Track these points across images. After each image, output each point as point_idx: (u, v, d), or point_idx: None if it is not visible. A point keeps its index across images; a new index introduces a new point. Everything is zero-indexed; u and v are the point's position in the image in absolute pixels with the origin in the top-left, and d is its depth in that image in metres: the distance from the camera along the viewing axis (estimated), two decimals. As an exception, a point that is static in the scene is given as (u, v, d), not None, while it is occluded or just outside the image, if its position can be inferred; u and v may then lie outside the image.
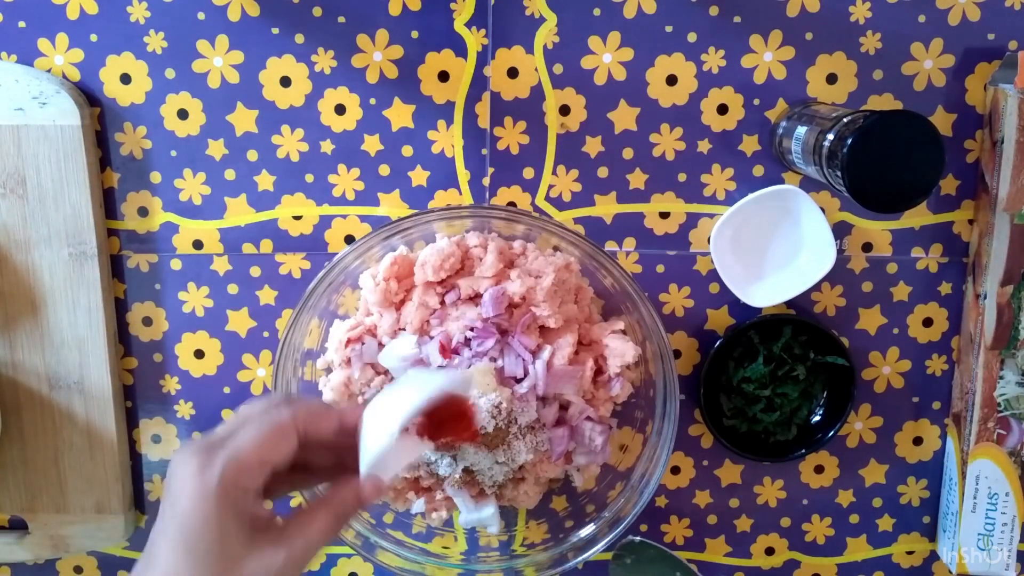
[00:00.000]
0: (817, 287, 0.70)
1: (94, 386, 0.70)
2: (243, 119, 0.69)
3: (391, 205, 0.70)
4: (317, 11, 0.67)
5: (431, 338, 0.62)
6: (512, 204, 0.70)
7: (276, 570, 0.46)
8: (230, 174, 0.70)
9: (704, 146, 0.69)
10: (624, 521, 0.64)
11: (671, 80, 0.68)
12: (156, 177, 0.70)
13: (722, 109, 0.68)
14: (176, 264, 0.71)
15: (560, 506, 0.70)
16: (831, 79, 0.67)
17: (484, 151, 0.69)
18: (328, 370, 0.66)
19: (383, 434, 0.50)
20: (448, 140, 0.69)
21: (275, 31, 0.67)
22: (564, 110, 0.68)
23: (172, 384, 0.73)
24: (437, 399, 0.52)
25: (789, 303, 0.70)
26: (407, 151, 0.69)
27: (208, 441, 0.48)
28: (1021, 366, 0.68)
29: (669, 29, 0.67)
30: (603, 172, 0.69)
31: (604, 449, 0.66)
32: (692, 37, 0.67)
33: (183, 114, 0.69)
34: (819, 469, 0.74)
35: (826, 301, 0.71)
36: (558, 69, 0.67)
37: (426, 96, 0.68)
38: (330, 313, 0.66)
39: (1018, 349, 0.67)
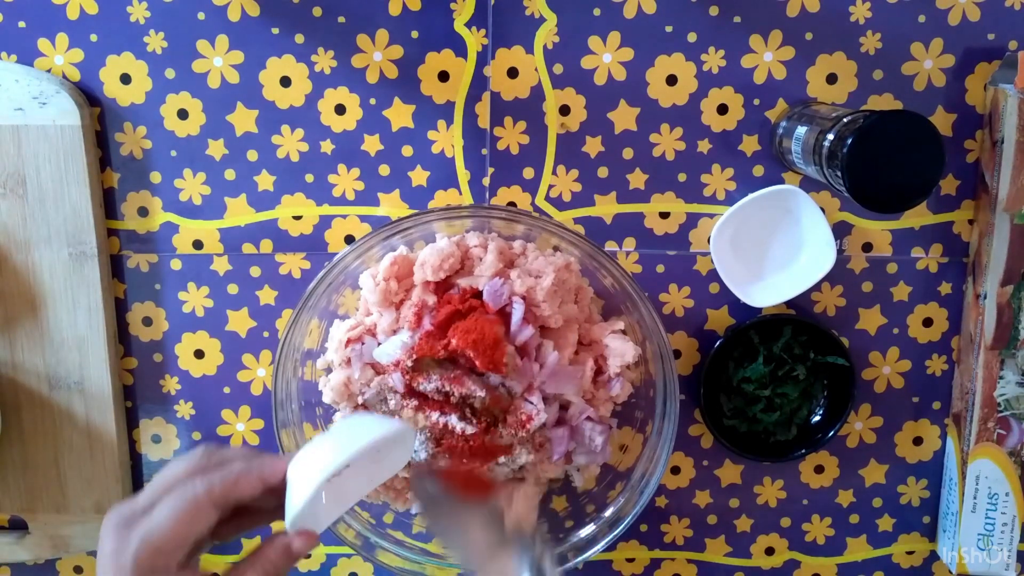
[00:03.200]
0: (817, 287, 0.70)
1: (94, 386, 0.70)
2: (243, 119, 0.69)
3: (391, 205, 0.70)
4: (317, 11, 0.67)
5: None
6: (512, 204, 0.70)
7: None
8: (230, 174, 0.70)
9: (704, 146, 0.69)
10: (624, 521, 0.64)
11: (671, 80, 0.68)
12: (156, 177, 0.70)
13: (722, 109, 0.68)
14: (176, 264, 0.71)
15: (560, 506, 0.70)
16: (831, 79, 0.67)
17: (484, 151, 0.69)
18: (328, 370, 0.66)
19: (307, 488, 0.48)
20: (448, 140, 0.69)
21: (275, 31, 0.67)
22: (564, 110, 0.68)
23: (172, 384, 0.73)
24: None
25: (789, 303, 0.70)
26: (407, 151, 0.69)
27: (127, 514, 0.47)
28: (1021, 366, 0.68)
29: (669, 29, 0.67)
30: (603, 172, 0.69)
31: (604, 449, 0.66)
32: (692, 37, 0.67)
33: (183, 114, 0.69)
34: (819, 469, 0.74)
35: (826, 301, 0.71)
36: (558, 69, 0.67)
37: (426, 96, 0.68)
38: (330, 313, 0.66)
39: (1018, 349, 0.67)
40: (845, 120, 0.56)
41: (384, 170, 0.69)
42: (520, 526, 0.56)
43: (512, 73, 0.68)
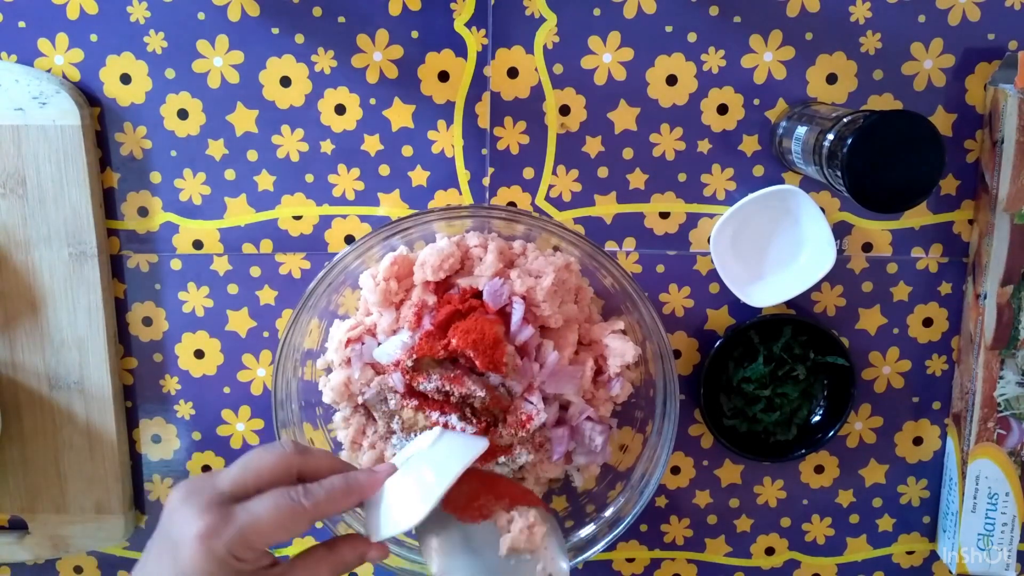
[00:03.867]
0: (817, 287, 0.70)
1: (94, 386, 0.70)
2: (243, 119, 0.69)
3: (391, 205, 0.70)
4: (317, 11, 0.67)
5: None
6: (512, 204, 0.70)
7: None
8: (230, 174, 0.70)
9: (704, 146, 0.69)
10: (624, 521, 0.64)
11: (671, 80, 0.68)
12: (156, 177, 0.70)
13: (722, 109, 0.68)
14: (176, 264, 0.71)
15: (560, 506, 0.70)
16: (831, 79, 0.67)
17: (484, 151, 0.69)
18: (328, 370, 0.66)
19: (412, 518, 0.50)
20: (448, 140, 0.69)
21: (275, 31, 0.67)
22: (564, 110, 0.68)
23: (172, 384, 0.73)
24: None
25: (789, 303, 0.70)
26: (407, 151, 0.69)
27: (215, 496, 0.48)
28: (1021, 366, 0.68)
29: (669, 29, 0.67)
30: (603, 172, 0.69)
31: (604, 449, 0.66)
32: (692, 37, 0.67)
33: (183, 114, 0.69)
34: (819, 469, 0.74)
35: (826, 301, 0.71)
36: (558, 69, 0.67)
37: (426, 96, 0.68)
38: (330, 313, 0.66)
39: (1018, 349, 0.67)
40: (845, 120, 0.56)
41: (384, 170, 0.69)
42: (516, 552, 0.56)
43: (512, 73, 0.68)
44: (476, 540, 0.53)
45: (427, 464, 0.53)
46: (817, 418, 0.72)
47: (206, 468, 0.74)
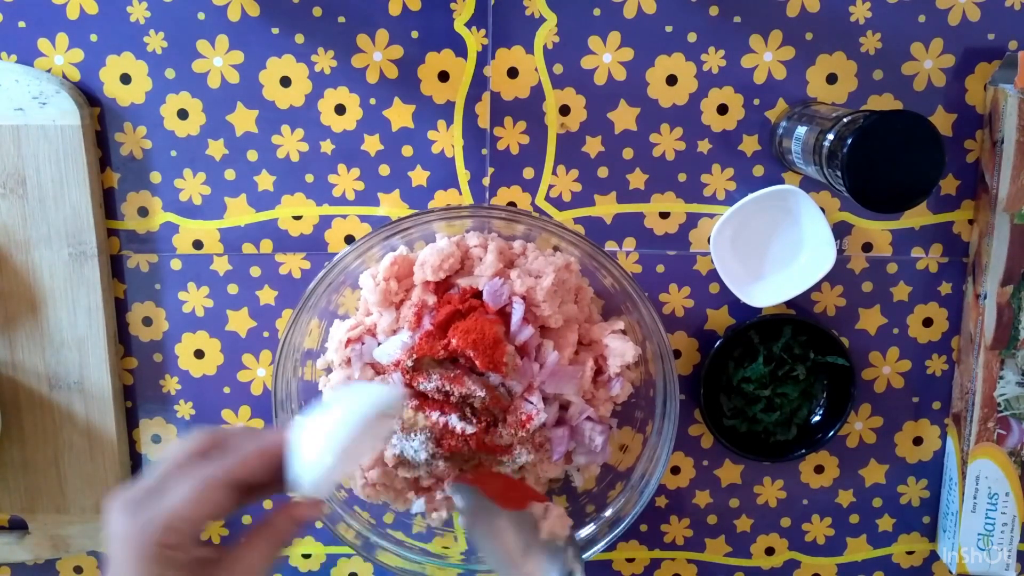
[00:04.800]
0: (817, 287, 0.70)
1: (94, 386, 0.70)
2: (243, 119, 0.69)
3: (391, 205, 0.70)
4: (317, 11, 0.67)
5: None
6: (512, 204, 0.70)
7: None
8: (230, 174, 0.70)
9: (704, 146, 0.69)
10: (624, 521, 0.64)
11: (671, 80, 0.68)
12: (156, 177, 0.70)
13: (722, 109, 0.68)
14: (176, 264, 0.71)
15: (560, 506, 0.69)
16: (831, 79, 0.67)
17: (484, 151, 0.69)
18: (328, 370, 0.66)
19: (322, 459, 0.49)
20: (448, 140, 0.69)
21: (275, 31, 0.67)
22: (564, 110, 0.68)
23: (172, 384, 0.73)
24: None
25: (789, 303, 0.70)
26: (407, 151, 0.69)
27: (138, 496, 0.47)
28: (1021, 366, 0.68)
29: (669, 29, 0.67)
30: (603, 172, 0.69)
31: (604, 449, 0.66)
32: (692, 37, 0.67)
33: (183, 114, 0.69)
34: (819, 469, 0.74)
35: (826, 301, 0.71)
36: (558, 69, 0.67)
37: (426, 96, 0.68)
38: (330, 313, 0.66)
39: (1018, 349, 0.67)
40: (845, 120, 0.56)
41: (384, 170, 0.69)
42: (554, 535, 0.61)
43: (512, 73, 0.68)
44: (515, 524, 0.58)
45: (335, 411, 0.51)
46: (817, 418, 0.72)
47: (206, 468, 0.74)
